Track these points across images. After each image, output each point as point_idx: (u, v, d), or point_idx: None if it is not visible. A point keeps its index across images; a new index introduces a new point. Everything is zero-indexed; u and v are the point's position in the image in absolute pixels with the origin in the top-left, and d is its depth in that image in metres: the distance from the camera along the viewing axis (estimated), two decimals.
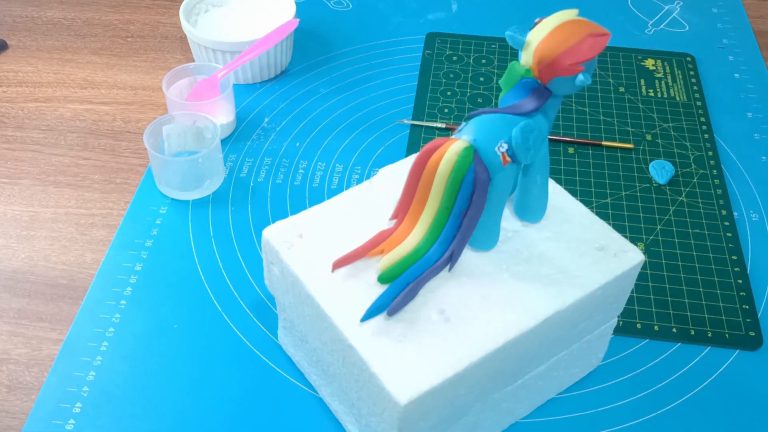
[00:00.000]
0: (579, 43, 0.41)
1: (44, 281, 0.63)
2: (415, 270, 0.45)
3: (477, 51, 0.86)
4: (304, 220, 0.49)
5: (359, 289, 0.46)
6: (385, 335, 0.44)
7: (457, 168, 0.43)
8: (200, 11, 0.82)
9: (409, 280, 0.44)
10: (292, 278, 0.47)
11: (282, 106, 0.78)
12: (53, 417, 0.54)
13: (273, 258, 0.49)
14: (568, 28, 0.42)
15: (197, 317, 0.60)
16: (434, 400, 0.43)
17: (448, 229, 0.44)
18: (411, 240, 0.45)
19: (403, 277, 0.44)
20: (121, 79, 0.82)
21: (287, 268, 0.47)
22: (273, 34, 0.76)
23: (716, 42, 0.88)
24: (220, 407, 0.55)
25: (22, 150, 0.74)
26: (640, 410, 0.55)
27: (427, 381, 0.42)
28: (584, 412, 0.55)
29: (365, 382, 0.44)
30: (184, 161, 0.67)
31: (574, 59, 0.41)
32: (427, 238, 0.45)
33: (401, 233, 0.46)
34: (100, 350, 0.58)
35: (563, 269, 0.48)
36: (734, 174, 0.73)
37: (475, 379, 0.45)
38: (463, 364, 0.43)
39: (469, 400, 0.46)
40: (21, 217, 0.68)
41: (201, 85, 0.73)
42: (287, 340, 0.56)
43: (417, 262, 0.45)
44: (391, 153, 0.74)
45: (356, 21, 0.90)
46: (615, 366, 0.58)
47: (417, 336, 0.44)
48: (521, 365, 0.48)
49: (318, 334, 0.48)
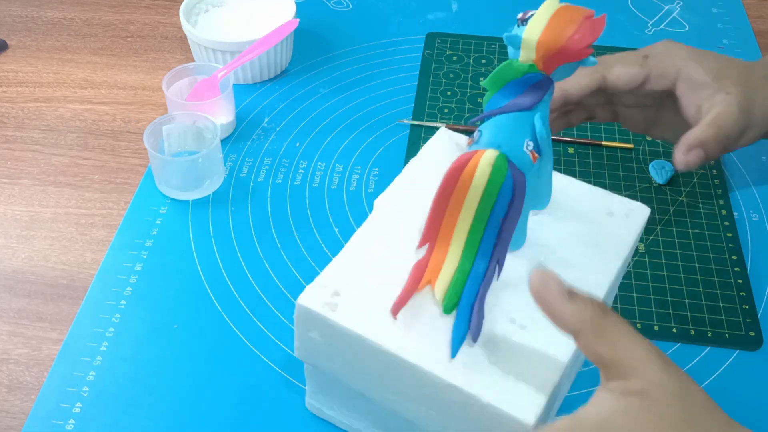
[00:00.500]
0: (580, 28, 0.41)
1: (44, 281, 0.63)
2: (471, 288, 0.43)
3: (477, 51, 0.86)
4: (332, 277, 0.47)
5: (426, 328, 0.44)
6: (477, 363, 0.43)
7: (493, 177, 0.41)
8: (200, 11, 0.82)
9: (471, 301, 0.43)
10: (349, 338, 0.45)
11: (282, 106, 0.78)
12: (53, 417, 0.54)
13: (313, 324, 0.46)
14: (563, 15, 0.41)
15: (197, 317, 0.60)
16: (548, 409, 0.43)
17: (486, 240, 0.43)
18: (451, 260, 0.44)
19: (464, 299, 0.43)
20: (121, 79, 0.82)
21: (339, 330, 0.45)
22: (273, 34, 0.76)
23: (716, 42, 0.88)
24: (220, 407, 0.55)
25: (22, 150, 0.74)
26: None
27: (543, 392, 0.41)
28: None
29: (476, 417, 0.43)
30: (184, 161, 0.67)
31: (583, 43, 0.41)
32: (466, 253, 0.43)
33: (438, 257, 0.44)
34: (100, 350, 0.58)
35: (593, 243, 0.49)
36: (734, 174, 0.73)
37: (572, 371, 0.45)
38: (562, 364, 0.43)
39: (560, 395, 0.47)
40: (21, 217, 0.68)
41: (201, 85, 0.73)
42: (322, 404, 0.54)
43: (468, 281, 0.43)
44: (391, 153, 0.74)
45: (356, 21, 0.90)
46: None
47: (507, 353, 0.43)
48: None
49: (392, 387, 0.46)
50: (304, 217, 0.68)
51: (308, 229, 0.67)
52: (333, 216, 0.68)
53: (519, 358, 0.43)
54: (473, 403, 0.42)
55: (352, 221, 0.68)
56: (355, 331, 0.44)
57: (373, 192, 0.70)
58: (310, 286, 0.46)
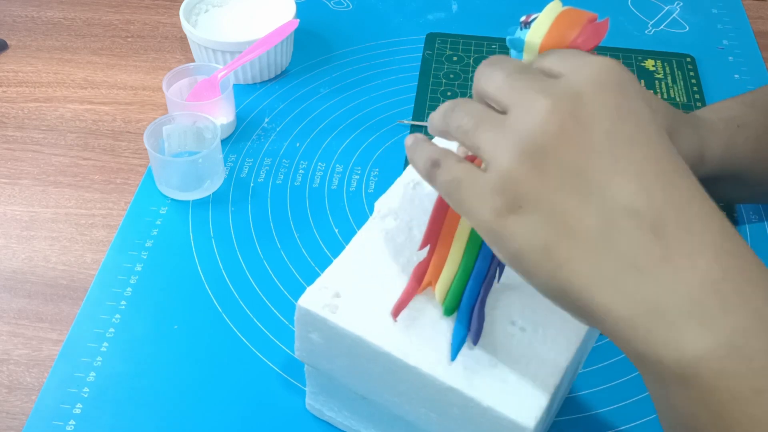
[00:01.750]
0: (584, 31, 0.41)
1: (44, 281, 0.63)
2: (472, 290, 0.43)
3: (477, 51, 0.86)
4: (333, 279, 0.47)
5: (426, 330, 0.44)
6: (477, 366, 0.43)
7: None
8: (200, 11, 0.83)
9: (472, 303, 0.43)
10: (349, 341, 0.45)
11: (282, 106, 0.79)
12: (53, 418, 0.54)
13: (313, 326, 0.46)
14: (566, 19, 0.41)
15: (197, 318, 0.60)
16: (548, 412, 0.43)
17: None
18: (452, 262, 0.44)
19: (465, 301, 0.43)
20: (121, 79, 0.82)
21: (339, 332, 0.45)
22: (273, 35, 0.76)
23: (716, 43, 0.89)
24: (220, 407, 0.55)
25: (22, 150, 0.74)
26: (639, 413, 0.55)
27: (543, 396, 0.41)
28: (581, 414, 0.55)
29: (477, 419, 0.43)
30: (184, 161, 0.67)
31: (587, 47, 0.41)
32: (467, 255, 0.43)
33: (439, 259, 0.44)
34: (100, 351, 0.58)
35: None
36: None
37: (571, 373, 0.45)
38: (562, 367, 0.43)
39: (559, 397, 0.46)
40: (21, 217, 0.68)
41: (201, 86, 0.73)
42: (322, 405, 0.54)
43: (469, 282, 0.43)
44: (391, 153, 0.74)
45: (356, 21, 0.90)
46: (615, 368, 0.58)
47: (507, 355, 0.43)
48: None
49: (392, 389, 0.46)
50: (304, 217, 0.68)
51: (308, 229, 0.67)
52: (333, 216, 0.68)
53: (519, 360, 0.43)
54: (473, 406, 0.42)
55: (352, 221, 0.68)
56: (355, 333, 0.44)
57: (373, 192, 0.70)
58: (311, 287, 0.46)
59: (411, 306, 0.45)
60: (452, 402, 0.43)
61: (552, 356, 0.43)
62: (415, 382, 0.44)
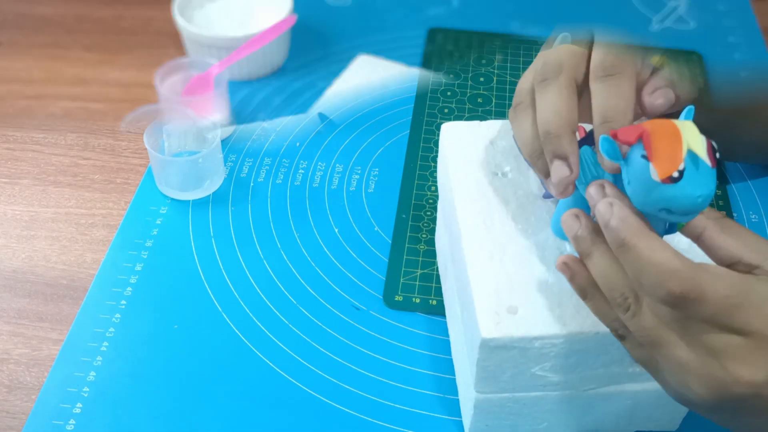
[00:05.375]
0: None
1: (44, 281, 0.65)
2: None
3: (478, 48, 0.88)
4: (493, 297, 0.47)
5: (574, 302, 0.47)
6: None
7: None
8: (195, 6, 0.84)
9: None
10: (540, 342, 0.47)
11: (279, 103, 0.81)
12: (53, 417, 0.56)
13: (505, 353, 0.47)
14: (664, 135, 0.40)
15: (197, 318, 0.62)
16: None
17: None
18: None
19: None
20: (113, 76, 0.84)
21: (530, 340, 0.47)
22: (269, 31, 0.78)
23: (722, 39, 0.91)
24: (221, 407, 0.57)
25: (22, 150, 0.77)
26: None
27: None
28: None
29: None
30: (184, 161, 0.69)
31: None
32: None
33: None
34: (100, 350, 0.60)
35: None
36: (734, 174, 0.75)
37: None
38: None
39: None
40: (21, 217, 0.70)
41: (195, 81, 0.74)
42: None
43: None
44: (392, 153, 0.76)
45: (355, 17, 0.92)
46: None
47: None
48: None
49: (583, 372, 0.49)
50: (304, 217, 0.70)
51: (308, 229, 0.69)
52: (333, 216, 0.70)
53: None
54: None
55: (352, 221, 0.70)
56: (549, 333, 0.46)
57: (373, 192, 0.73)
58: (482, 315, 0.46)
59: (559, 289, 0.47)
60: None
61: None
62: (602, 348, 0.47)
